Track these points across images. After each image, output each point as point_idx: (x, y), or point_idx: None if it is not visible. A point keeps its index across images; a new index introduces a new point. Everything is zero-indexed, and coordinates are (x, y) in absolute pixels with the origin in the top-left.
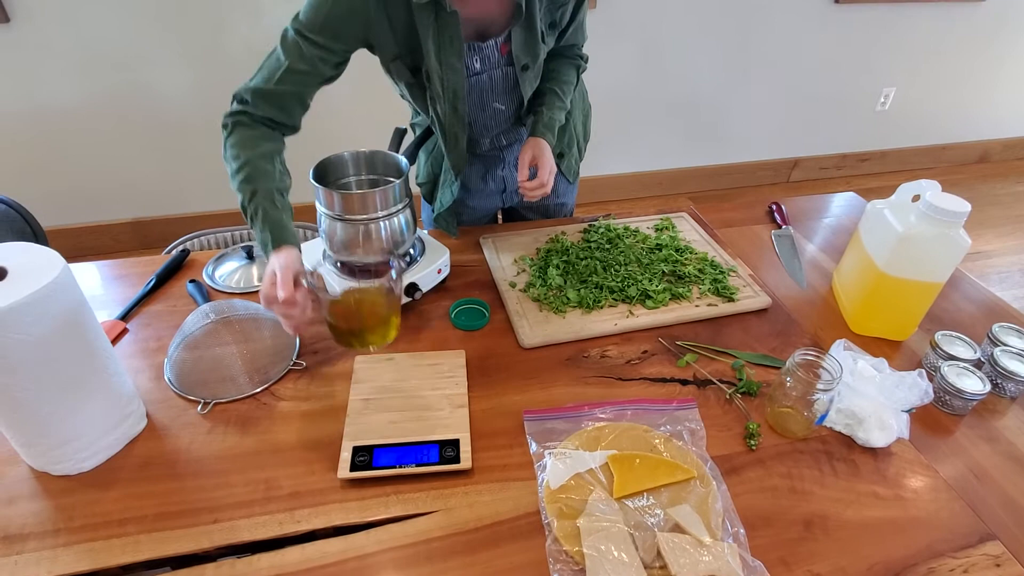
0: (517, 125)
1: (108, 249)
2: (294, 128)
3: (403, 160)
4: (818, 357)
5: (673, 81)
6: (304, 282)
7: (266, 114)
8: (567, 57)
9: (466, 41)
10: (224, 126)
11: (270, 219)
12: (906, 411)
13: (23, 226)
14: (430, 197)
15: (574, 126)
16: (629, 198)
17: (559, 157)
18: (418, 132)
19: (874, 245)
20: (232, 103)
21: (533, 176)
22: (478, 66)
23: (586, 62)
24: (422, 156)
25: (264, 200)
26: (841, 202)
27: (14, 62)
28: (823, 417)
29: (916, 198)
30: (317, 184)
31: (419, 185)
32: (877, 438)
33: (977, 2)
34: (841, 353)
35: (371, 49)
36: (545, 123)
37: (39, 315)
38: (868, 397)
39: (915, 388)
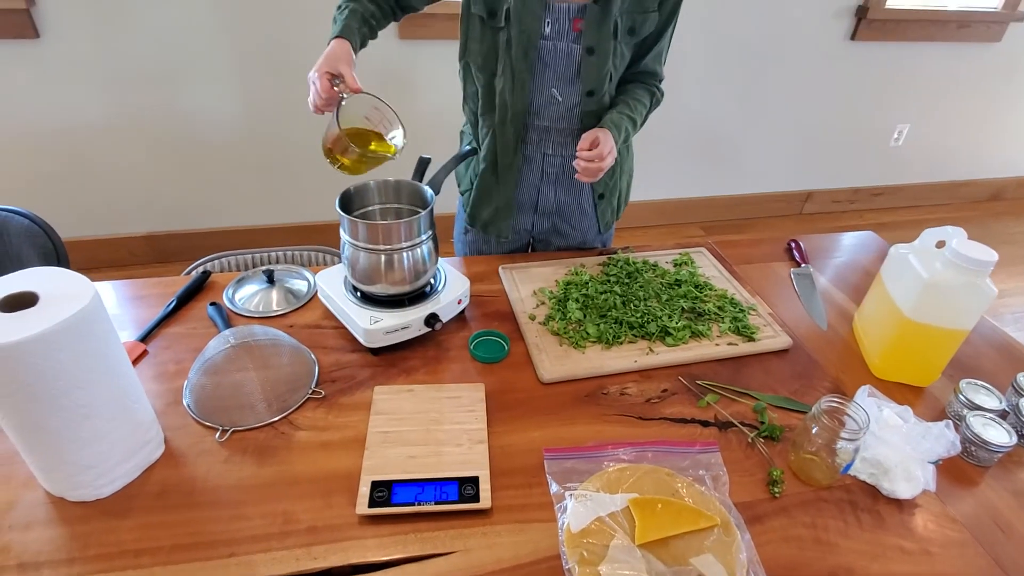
0: (567, 135)
1: (123, 262)
2: (399, 9)
3: (428, 191)
4: (844, 405)
5: (688, 112)
6: (333, 84)
7: None
8: (643, 82)
9: None
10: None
11: (345, 23)
12: (932, 462)
13: (45, 241)
14: (470, 205)
15: (619, 177)
16: (641, 226)
17: (599, 197)
18: (465, 142)
19: (899, 290)
20: None
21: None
22: (548, 30)
23: (662, 95)
24: (462, 168)
25: (351, 15)
26: (859, 241)
27: (42, 77)
28: (849, 466)
29: (941, 244)
30: (342, 212)
31: (461, 193)
32: (903, 489)
33: (991, 42)
34: (866, 400)
35: None
36: (612, 120)
37: (67, 343)
38: (894, 447)
39: (942, 439)
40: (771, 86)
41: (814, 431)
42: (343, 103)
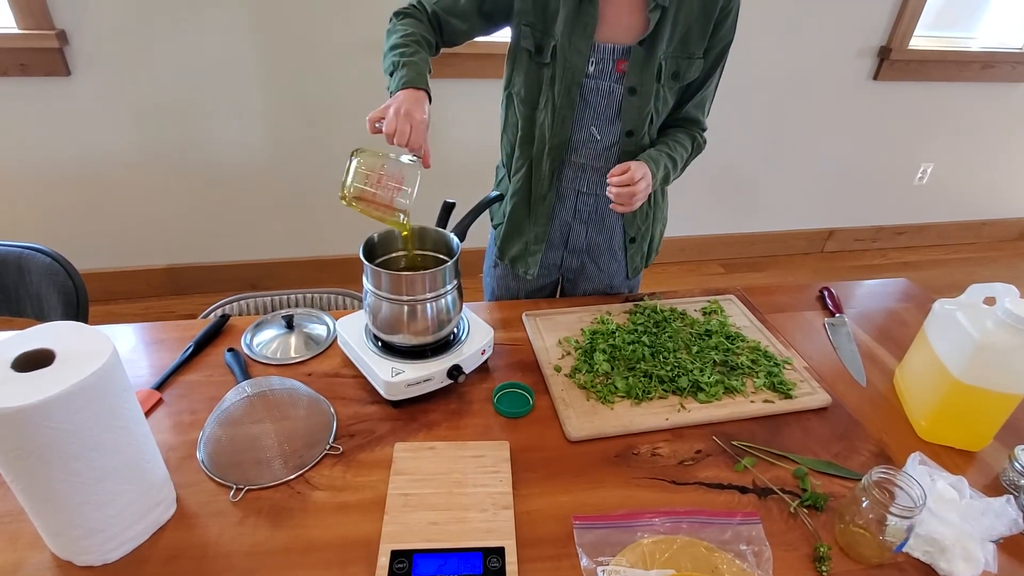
0: (603, 174)
1: (140, 294)
2: (443, 44)
3: (454, 239)
4: (898, 478)
5: (709, 148)
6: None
7: (424, 19)
8: (685, 128)
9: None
10: (397, 14)
11: (418, 68)
12: (993, 541)
13: (65, 279)
14: (500, 239)
15: (652, 223)
16: (660, 262)
17: (630, 240)
18: (499, 177)
19: (946, 350)
20: (406, 5)
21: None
22: (591, 69)
23: (704, 143)
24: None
25: (417, 54)
26: (893, 288)
27: (70, 113)
28: (903, 544)
29: (990, 301)
30: (365, 261)
31: (494, 227)
32: (962, 570)
33: (1016, 83)
34: (916, 469)
35: (508, 14)
36: (650, 155)
37: (83, 404)
38: (950, 524)
39: (1003, 516)
40: (793, 124)
41: (864, 504)
42: (403, 160)
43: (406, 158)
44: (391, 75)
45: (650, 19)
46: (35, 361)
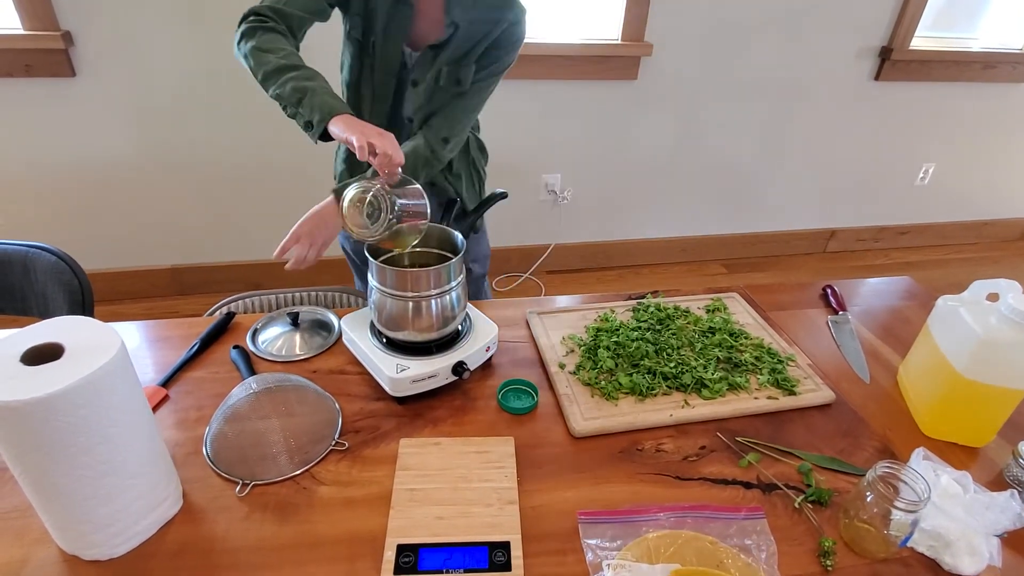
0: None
1: (145, 294)
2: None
3: (459, 236)
4: (902, 473)
5: (710, 150)
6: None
7: (279, 27)
8: (429, 139)
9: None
10: (249, 31)
11: (324, 92)
12: (997, 535)
13: (71, 278)
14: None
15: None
16: (662, 262)
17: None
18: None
19: (949, 345)
20: (247, 18)
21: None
22: (410, 64)
23: (438, 160)
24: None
25: (312, 80)
26: (896, 286)
27: (75, 114)
28: (907, 539)
29: (993, 297)
30: (371, 257)
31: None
32: (967, 565)
33: (1017, 83)
34: (920, 464)
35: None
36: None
37: (91, 398)
38: (955, 518)
39: (1008, 510)
40: (794, 125)
41: (869, 499)
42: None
43: (399, 175)
44: (298, 103)
45: (446, 28)
46: (44, 355)
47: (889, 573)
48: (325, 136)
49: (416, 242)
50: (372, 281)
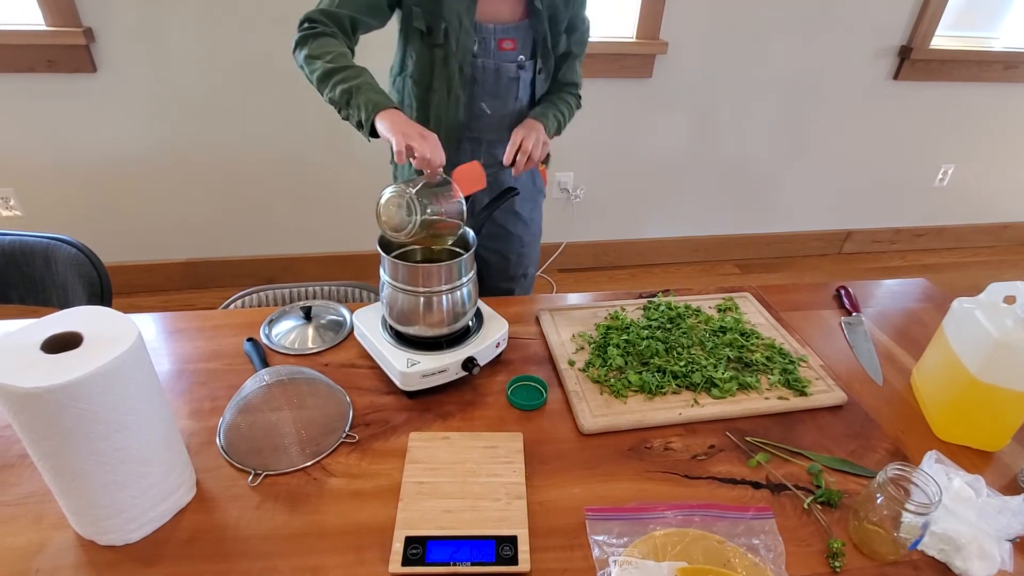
0: (493, 145)
1: (160, 287)
2: (352, 52)
3: (470, 233)
4: (914, 475)
5: (724, 149)
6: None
7: (330, 30)
8: (565, 90)
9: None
10: (302, 40)
11: (371, 87)
12: (1010, 540)
13: (90, 270)
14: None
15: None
16: (675, 262)
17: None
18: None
19: (964, 348)
20: (301, 26)
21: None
22: (475, 48)
23: (581, 100)
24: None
25: (357, 79)
26: (911, 288)
27: (96, 109)
28: (918, 541)
29: (1010, 299)
30: (383, 252)
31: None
32: (978, 569)
33: None
34: (932, 467)
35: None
36: (538, 113)
37: (109, 386)
38: (966, 522)
39: (1020, 515)
40: (810, 124)
41: (879, 501)
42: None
43: (441, 176)
44: (347, 104)
45: (526, 3)
46: (63, 343)
47: None
48: (376, 133)
49: (451, 241)
50: (384, 276)
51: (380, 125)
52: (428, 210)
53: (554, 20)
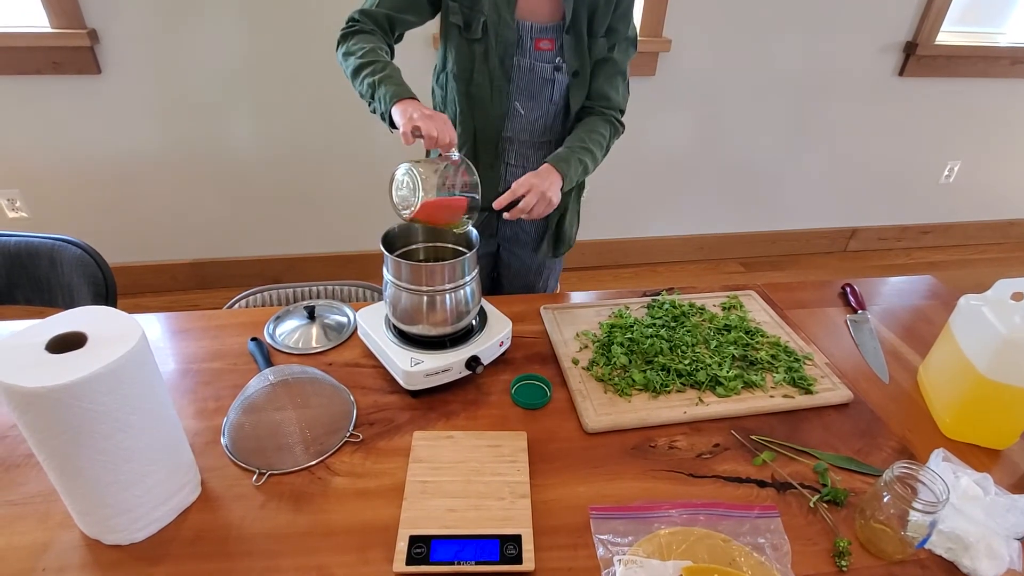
0: (528, 147)
1: (166, 287)
2: (391, 48)
3: (474, 232)
4: (921, 473)
5: (729, 147)
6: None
7: (368, 28)
8: (600, 113)
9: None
10: (342, 37)
11: (393, 79)
12: (1018, 539)
13: (95, 270)
14: None
15: (563, 212)
16: (679, 260)
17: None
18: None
19: (971, 345)
20: (345, 24)
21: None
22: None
23: (622, 126)
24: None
25: (383, 72)
26: (917, 285)
27: (100, 110)
28: (925, 540)
29: (1018, 296)
30: (386, 251)
31: None
32: (986, 568)
33: None
34: (940, 465)
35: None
36: (560, 155)
37: (114, 385)
38: (974, 520)
39: None
40: (815, 121)
41: (886, 500)
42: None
43: (455, 154)
44: (372, 97)
45: (564, 3)
46: (68, 343)
47: (905, 575)
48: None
49: (468, 225)
50: (387, 275)
51: (394, 113)
52: (437, 182)
53: (593, 21)
